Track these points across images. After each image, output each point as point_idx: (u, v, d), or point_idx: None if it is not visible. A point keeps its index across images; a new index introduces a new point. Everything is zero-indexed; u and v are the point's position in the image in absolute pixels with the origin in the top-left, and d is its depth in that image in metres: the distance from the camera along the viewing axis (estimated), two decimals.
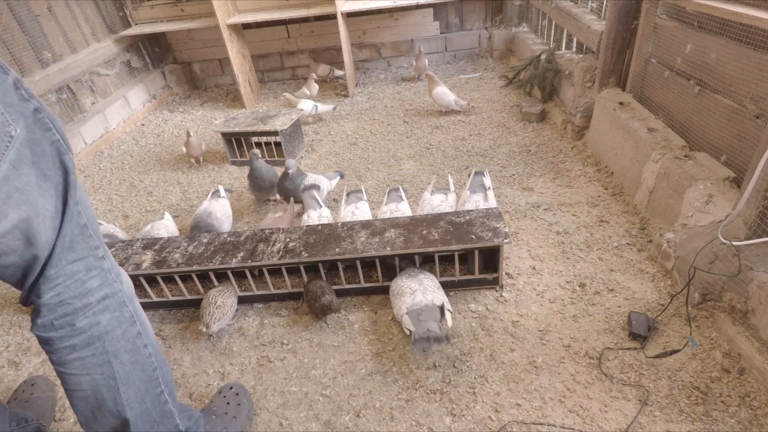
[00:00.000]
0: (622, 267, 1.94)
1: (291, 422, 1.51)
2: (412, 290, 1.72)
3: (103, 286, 1.03)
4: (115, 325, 1.05)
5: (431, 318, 1.62)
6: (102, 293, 1.03)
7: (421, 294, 1.70)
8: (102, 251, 1.04)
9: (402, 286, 1.77)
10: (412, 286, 1.74)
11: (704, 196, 1.75)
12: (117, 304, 1.06)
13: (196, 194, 2.95)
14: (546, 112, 3.35)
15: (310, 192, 2.40)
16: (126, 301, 1.08)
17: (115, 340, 1.05)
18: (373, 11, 4.50)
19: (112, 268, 1.06)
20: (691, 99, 2.03)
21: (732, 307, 1.55)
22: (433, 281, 1.80)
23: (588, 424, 1.39)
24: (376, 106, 3.97)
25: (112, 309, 1.04)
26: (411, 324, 1.61)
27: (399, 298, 1.73)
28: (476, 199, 2.14)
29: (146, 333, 1.13)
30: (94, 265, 1.01)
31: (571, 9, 3.24)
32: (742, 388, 1.42)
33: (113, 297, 1.05)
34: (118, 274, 1.09)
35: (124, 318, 1.07)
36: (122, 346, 1.06)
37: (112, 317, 1.04)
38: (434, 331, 1.58)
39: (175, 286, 2.04)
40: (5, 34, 3.19)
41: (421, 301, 1.67)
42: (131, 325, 1.09)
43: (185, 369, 1.76)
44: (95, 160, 3.61)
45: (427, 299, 1.68)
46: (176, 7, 4.46)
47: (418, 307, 1.66)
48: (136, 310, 1.12)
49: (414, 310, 1.65)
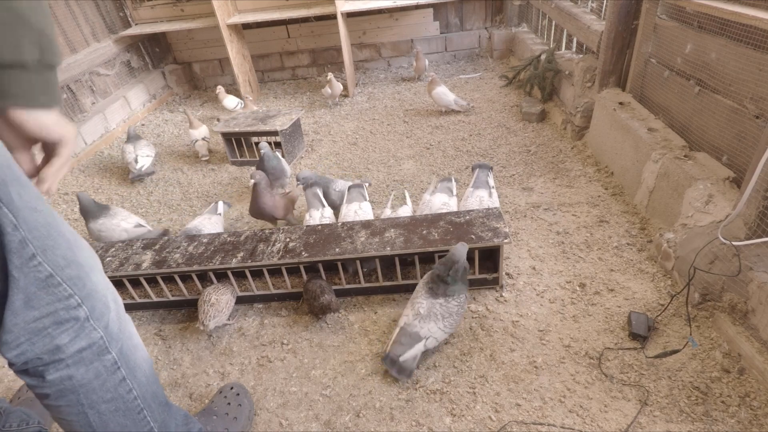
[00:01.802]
0: (622, 267, 1.94)
1: (291, 422, 1.51)
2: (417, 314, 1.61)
3: (78, 339, 0.92)
4: (92, 377, 0.96)
5: (410, 345, 1.56)
6: (75, 347, 0.92)
7: (424, 321, 1.58)
8: (76, 299, 0.90)
9: (417, 298, 1.66)
10: (422, 308, 1.61)
11: (704, 196, 1.75)
12: (95, 354, 0.96)
13: (196, 194, 2.95)
14: (546, 112, 3.36)
15: (312, 190, 2.34)
16: (109, 345, 0.98)
17: (92, 392, 0.97)
18: (373, 11, 4.50)
19: (92, 312, 0.94)
20: (691, 99, 2.04)
21: (732, 307, 1.55)
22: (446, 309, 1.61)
23: (588, 424, 1.39)
24: (376, 106, 3.97)
25: (88, 361, 0.95)
26: (392, 340, 1.60)
27: (408, 306, 1.66)
28: (480, 194, 2.14)
29: (132, 374, 1.04)
30: (66, 317, 0.89)
31: (571, 9, 3.24)
32: (742, 388, 1.42)
33: (90, 348, 0.94)
34: (102, 315, 0.96)
35: (104, 367, 0.98)
36: (100, 397, 0.99)
37: (89, 369, 0.95)
38: (405, 362, 1.55)
39: (175, 286, 2.04)
40: None
41: (415, 325, 1.59)
42: (112, 373, 1.00)
43: (185, 369, 1.76)
44: (95, 160, 3.61)
45: (423, 330, 1.58)
46: (176, 7, 4.46)
47: (409, 330, 1.59)
48: (122, 350, 1.01)
49: (405, 329, 1.60)
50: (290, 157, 3.17)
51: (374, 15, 4.58)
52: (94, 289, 0.95)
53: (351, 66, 4.30)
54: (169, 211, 2.81)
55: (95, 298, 0.95)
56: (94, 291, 0.95)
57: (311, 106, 4.15)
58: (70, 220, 2.84)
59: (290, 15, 3.98)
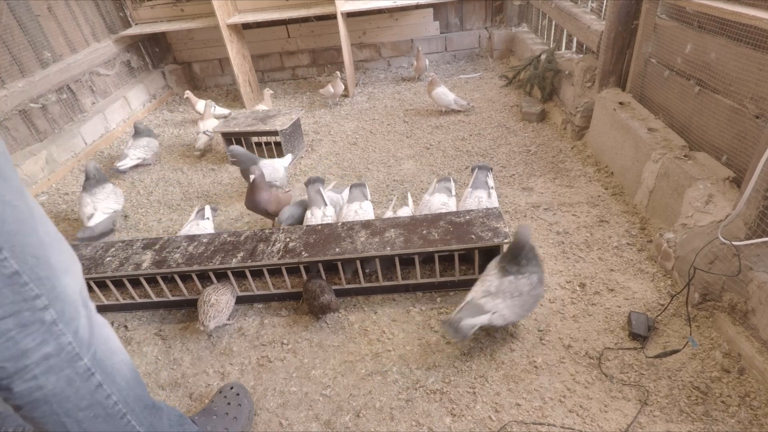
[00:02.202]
0: (622, 267, 1.94)
1: (291, 422, 1.51)
2: (487, 291, 1.58)
3: (44, 344, 0.87)
4: (64, 386, 0.92)
5: (473, 315, 1.55)
6: (42, 352, 0.87)
7: (491, 297, 1.56)
8: (44, 300, 0.86)
9: (487, 276, 1.63)
10: (492, 287, 1.58)
11: (704, 196, 1.75)
12: (66, 360, 0.91)
13: (196, 194, 2.95)
14: (546, 112, 3.35)
15: (314, 186, 2.32)
16: (80, 351, 0.93)
17: (66, 401, 0.93)
18: (373, 11, 4.50)
19: (60, 316, 0.89)
20: (691, 99, 2.03)
21: (732, 307, 1.55)
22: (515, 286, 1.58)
23: (588, 424, 1.39)
24: (376, 106, 3.97)
25: (58, 369, 0.90)
26: (457, 309, 1.56)
27: (478, 284, 1.62)
28: (479, 195, 2.14)
29: (110, 379, 1.00)
30: (31, 319, 0.85)
31: (571, 9, 3.24)
32: (742, 388, 1.42)
33: (59, 354, 0.90)
34: (71, 319, 0.92)
35: (77, 374, 0.93)
36: (76, 405, 0.95)
37: (60, 377, 0.91)
38: (464, 326, 1.52)
39: (175, 286, 2.04)
40: (5, 34, 3.19)
41: (481, 300, 1.56)
42: (86, 380, 0.95)
43: (185, 369, 1.76)
44: (95, 160, 3.61)
45: (488, 305, 1.55)
46: (176, 7, 4.46)
47: (474, 302, 1.57)
48: (96, 355, 0.97)
49: (470, 303, 1.57)
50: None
51: (374, 15, 4.58)
52: (64, 292, 0.91)
53: (351, 66, 4.30)
54: (169, 211, 2.81)
55: (65, 301, 0.91)
56: (63, 294, 0.91)
57: (311, 106, 4.15)
58: (69, 220, 2.84)
59: (290, 15, 3.98)
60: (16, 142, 3.21)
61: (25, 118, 3.29)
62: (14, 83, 3.25)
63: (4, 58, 3.19)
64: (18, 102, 3.20)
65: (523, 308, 1.58)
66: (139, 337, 1.92)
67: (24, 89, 3.25)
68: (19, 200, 0.85)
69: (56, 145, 3.43)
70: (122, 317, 2.03)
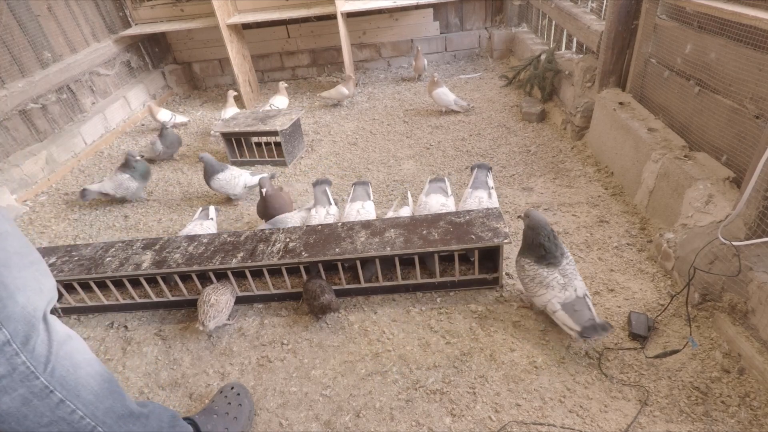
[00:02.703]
0: (622, 267, 1.94)
1: (291, 422, 1.51)
2: (561, 284, 1.63)
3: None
4: (19, 405, 0.90)
5: (584, 307, 1.59)
6: None
7: (572, 290, 1.62)
8: None
9: (546, 276, 1.66)
10: (559, 279, 1.64)
11: (704, 196, 1.75)
12: (19, 381, 0.89)
13: (196, 194, 2.95)
14: (546, 112, 3.35)
15: (321, 187, 2.38)
16: (35, 370, 0.91)
17: (24, 419, 0.91)
18: (373, 11, 4.50)
19: (14, 336, 0.87)
20: (691, 99, 2.03)
21: (732, 307, 1.55)
22: (572, 266, 1.69)
23: (588, 424, 1.39)
24: (376, 106, 3.97)
25: (11, 389, 0.88)
26: (571, 321, 1.56)
27: (547, 290, 1.64)
28: (479, 195, 2.14)
29: (74, 394, 0.98)
30: None
31: (571, 9, 3.24)
32: (742, 388, 1.42)
33: (11, 375, 0.88)
34: (27, 338, 0.89)
35: (32, 393, 0.91)
36: (36, 422, 0.93)
37: (14, 398, 0.89)
38: (596, 320, 1.55)
39: (175, 286, 2.04)
40: (5, 34, 3.19)
41: (570, 296, 1.61)
42: (44, 398, 0.93)
43: (185, 369, 1.76)
44: (95, 160, 3.62)
45: (575, 294, 1.61)
46: (176, 7, 4.46)
47: (569, 301, 1.61)
48: (55, 372, 0.95)
49: (567, 304, 1.60)
50: (290, 157, 3.18)
51: (374, 15, 4.58)
52: (18, 311, 0.89)
53: (351, 66, 4.30)
54: (169, 211, 2.81)
55: (18, 320, 0.88)
56: (18, 313, 0.88)
57: (311, 106, 4.15)
58: (69, 220, 2.84)
59: (290, 15, 3.98)
60: (16, 142, 3.21)
61: (25, 118, 3.29)
62: (14, 83, 3.25)
63: (4, 58, 3.19)
64: (18, 102, 3.20)
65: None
66: (139, 337, 1.92)
67: (24, 89, 3.25)
68: None
69: (56, 145, 3.43)
70: (122, 317, 2.03)
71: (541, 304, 1.67)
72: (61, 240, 2.64)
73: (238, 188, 2.69)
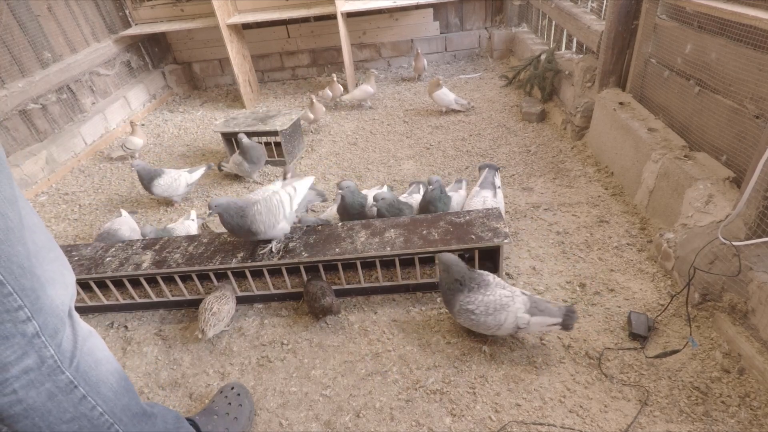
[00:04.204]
0: (622, 267, 1.94)
1: (291, 422, 1.51)
2: (507, 296, 1.57)
3: (25, 356, 0.86)
4: (45, 400, 0.90)
5: (543, 299, 1.59)
6: (22, 366, 0.86)
7: (514, 296, 1.57)
8: (26, 312, 0.85)
9: (490, 300, 1.57)
10: (504, 293, 1.58)
11: (704, 196, 1.75)
12: (46, 374, 0.90)
13: (196, 194, 2.95)
14: (546, 112, 3.35)
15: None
16: (62, 364, 0.92)
17: (48, 414, 0.92)
18: (373, 11, 4.50)
19: (43, 329, 0.88)
20: (691, 99, 2.03)
21: (732, 307, 1.55)
22: (495, 277, 1.65)
23: (588, 424, 1.39)
24: (376, 106, 3.97)
25: (39, 383, 0.89)
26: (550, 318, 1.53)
27: (503, 311, 1.54)
28: (485, 194, 2.14)
29: (95, 390, 0.99)
30: (11, 332, 0.84)
31: (571, 9, 3.24)
32: (742, 388, 1.42)
33: (40, 368, 0.88)
34: (55, 332, 0.91)
35: (58, 388, 0.92)
36: (59, 417, 0.93)
37: (40, 392, 0.89)
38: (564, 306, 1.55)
39: (175, 286, 2.04)
40: (5, 34, 3.19)
41: (521, 297, 1.57)
42: (69, 393, 0.94)
43: (185, 369, 1.76)
44: (95, 160, 3.62)
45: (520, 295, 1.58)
46: (176, 7, 4.46)
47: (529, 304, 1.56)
48: (80, 367, 0.96)
49: (530, 308, 1.55)
50: (290, 157, 3.18)
51: (374, 15, 4.58)
52: (48, 303, 0.90)
53: (351, 66, 4.30)
54: (170, 211, 2.81)
55: (49, 313, 0.89)
56: (48, 306, 0.89)
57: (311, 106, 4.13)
58: (69, 220, 2.84)
59: (290, 15, 3.97)
60: (16, 142, 3.21)
61: (25, 118, 3.29)
62: (14, 83, 3.25)
63: (4, 58, 3.19)
64: (18, 102, 3.20)
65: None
66: (139, 337, 1.92)
67: (24, 89, 3.25)
68: (9, 209, 0.84)
69: (56, 145, 3.43)
70: (122, 317, 2.03)
71: (512, 327, 1.55)
72: (61, 240, 2.64)
73: (180, 189, 2.71)
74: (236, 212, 1.73)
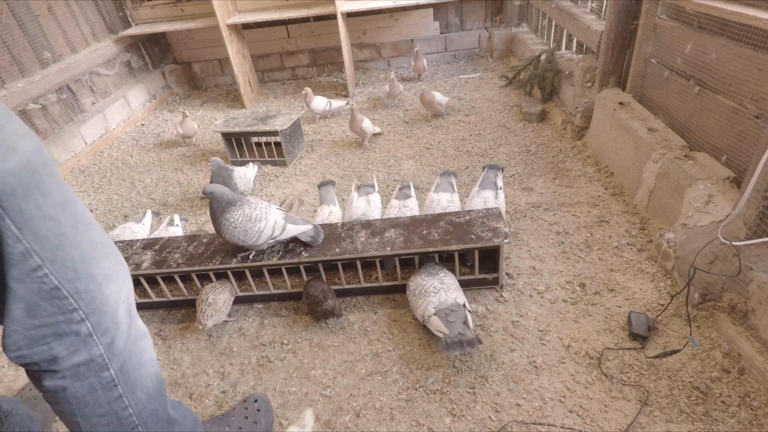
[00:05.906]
0: (622, 267, 1.94)
1: (291, 422, 1.51)
2: (436, 289, 1.69)
3: (76, 353, 0.92)
4: (86, 392, 0.96)
5: (460, 320, 1.59)
6: (72, 361, 0.92)
7: (445, 293, 1.67)
8: (80, 314, 0.90)
9: (424, 284, 1.73)
10: (435, 285, 1.71)
11: (704, 196, 1.75)
12: (92, 370, 0.95)
13: (196, 194, 2.95)
14: (546, 112, 3.35)
15: (326, 187, 2.45)
16: (109, 362, 0.97)
17: (84, 405, 0.97)
18: (373, 11, 4.50)
19: (96, 328, 0.93)
20: (691, 99, 2.03)
21: (732, 307, 1.55)
22: (453, 279, 1.78)
23: (588, 424, 1.39)
24: (376, 106, 3.97)
25: (84, 376, 0.95)
26: (443, 326, 1.58)
27: (423, 298, 1.70)
28: (486, 195, 2.14)
29: (131, 392, 1.03)
30: (66, 330, 0.89)
31: (571, 9, 3.24)
32: (742, 388, 1.42)
33: (88, 364, 0.94)
34: (107, 330, 0.95)
35: (100, 384, 0.97)
36: (93, 411, 0.98)
37: (84, 384, 0.95)
38: (467, 335, 1.55)
39: (175, 286, 2.04)
40: (5, 34, 3.19)
41: (446, 300, 1.65)
42: (108, 390, 0.99)
43: (185, 369, 1.76)
44: (95, 160, 3.62)
45: (451, 298, 1.66)
46: (176, 7, 4.46)
47: (444, 306, 1.63)
48: (123, 367, 1.00)
49: (442, 310, 1.62)
50: (290, 157, 3.18)
51: (374, 15, 4.58)
52: (104, 302, 0.94)
53: (351, 66, 4.30)
54: (170, 211, 2.81)
55: (103, 312, 0.94)
56: (103, 305, 0.94)
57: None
58: None
59: (290, 15, 3.97)
60: None
61: (25, 119, 3.29)
62: (14, 83, 3.25)
63: (4, 58, 3.19)
64: (18, 102, 3.20)
65: None
66: None
67: (24, 89, 3.25)
68: (62, 214, 0.87)
69: (56, 145, 3.43)
70: None
71: (421, 315, 1.69)
72: None
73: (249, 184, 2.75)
74: (219, 209, 1.76)
